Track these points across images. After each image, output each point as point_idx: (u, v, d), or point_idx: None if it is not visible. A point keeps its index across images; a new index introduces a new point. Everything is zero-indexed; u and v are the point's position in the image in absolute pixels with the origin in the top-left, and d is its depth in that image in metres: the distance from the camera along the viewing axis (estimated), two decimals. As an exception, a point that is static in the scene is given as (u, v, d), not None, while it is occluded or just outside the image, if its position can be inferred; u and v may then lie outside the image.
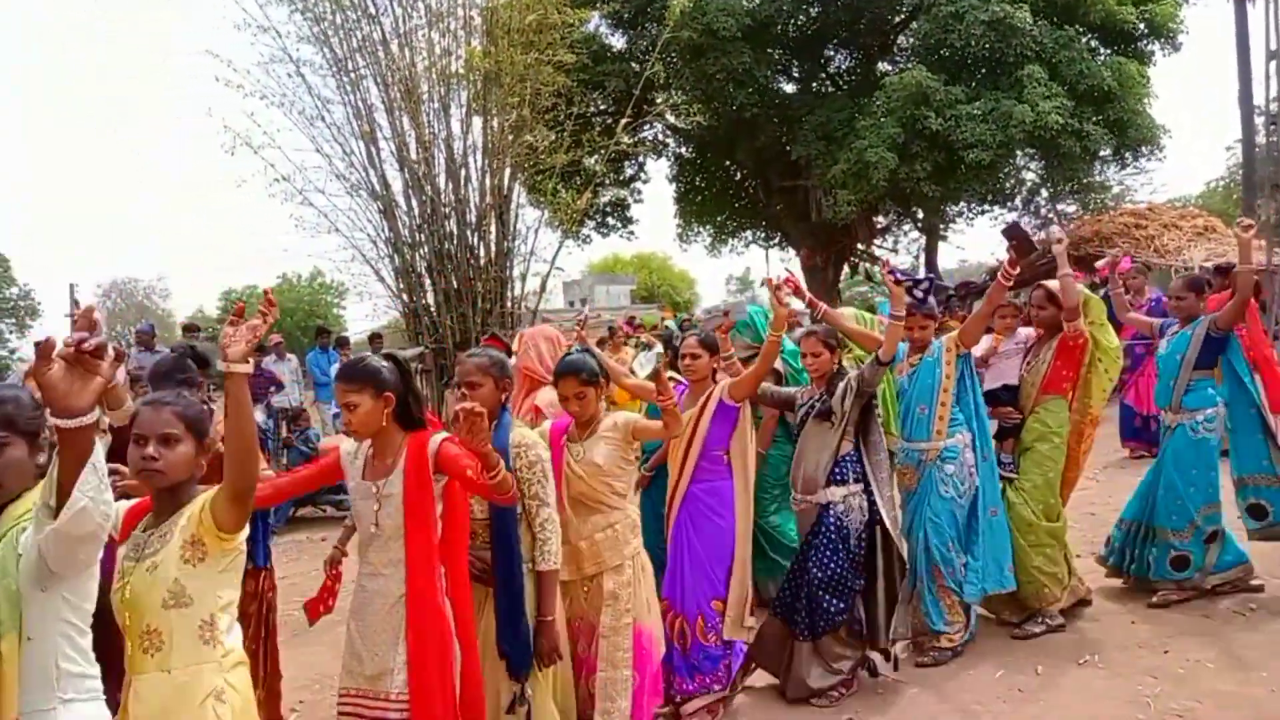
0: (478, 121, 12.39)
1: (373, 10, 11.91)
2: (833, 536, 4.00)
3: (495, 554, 3.14)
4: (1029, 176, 19.33)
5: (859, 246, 20.78)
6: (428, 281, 12.49)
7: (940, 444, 4.38)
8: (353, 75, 11.94)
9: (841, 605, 4.00)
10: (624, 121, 13.10)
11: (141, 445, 2.15)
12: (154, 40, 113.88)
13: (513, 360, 3.84)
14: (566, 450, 3.51)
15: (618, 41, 17.84)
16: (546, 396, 4.04)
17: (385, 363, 2.87)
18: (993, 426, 4.82)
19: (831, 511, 4.03)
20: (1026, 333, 5.00)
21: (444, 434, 2.86)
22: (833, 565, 3.98)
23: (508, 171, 12.50)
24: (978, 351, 4.65)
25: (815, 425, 4.09)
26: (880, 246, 22.58)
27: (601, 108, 16.70)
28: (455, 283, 12.18)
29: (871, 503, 4.07)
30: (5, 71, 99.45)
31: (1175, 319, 5.23)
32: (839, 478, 4.05)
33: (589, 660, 3.43)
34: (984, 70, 15.70)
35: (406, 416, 2.86)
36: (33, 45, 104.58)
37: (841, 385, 4.06)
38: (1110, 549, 5.20)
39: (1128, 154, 17.03)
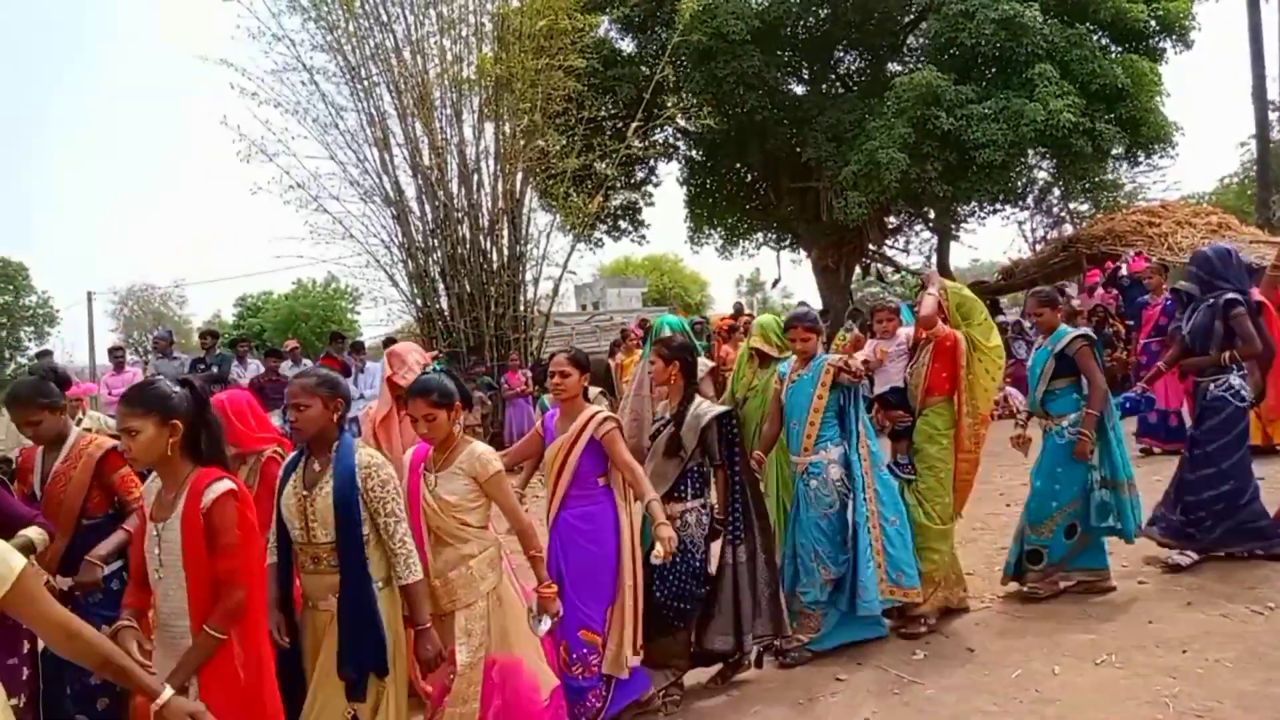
0: (489, 127, 12.50)
1: (385, 18, 12.03)
2: (684, 550, 3.95)
3: (342, 577, 3.00)
4: (1041, 176, 19.28)
5: (870, 247, 20.75)
6: (441, 286, 12.58)
7: (807, 459, 4.47)
8: (366, 82, 12.05)
9: (685, 609, 4.03)
10: (634, 125, 13.16)
11: None
12: (170, 49, 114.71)
13: (377, 375, 3.83)
14: (423, 479, 3.39)
15: (628, 46, 17.89)
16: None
17: (178, 388, 2.67)
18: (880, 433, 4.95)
19: (678, 521, 3.99)
20: (906, 333, 5.09)
21: (226, 484, 2.63)
22: (673, 579, 3.97)
23: (519, 176, 12.59)
24: (863, 356, 4.80)
25: (664, 457, 4.08)
26: (892, 247, 22.57)
27: (612, 112, 16.75)
28: (468, 287, 12.28)
29: (713, 514, 4.17)
30: (25, 81, 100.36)
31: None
32: (679, 494, 4.07)
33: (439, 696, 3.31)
34: (994, 69, 15.66)
35: (196, 448, 2.69)
36: (52, 54, 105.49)
37: (696, 422, 4.05)
38: (1015, 565, 5.23)
39: (1140, 152, 16.95)
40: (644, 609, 3.92)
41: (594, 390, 4.41)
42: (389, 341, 13.06)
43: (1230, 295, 5.17)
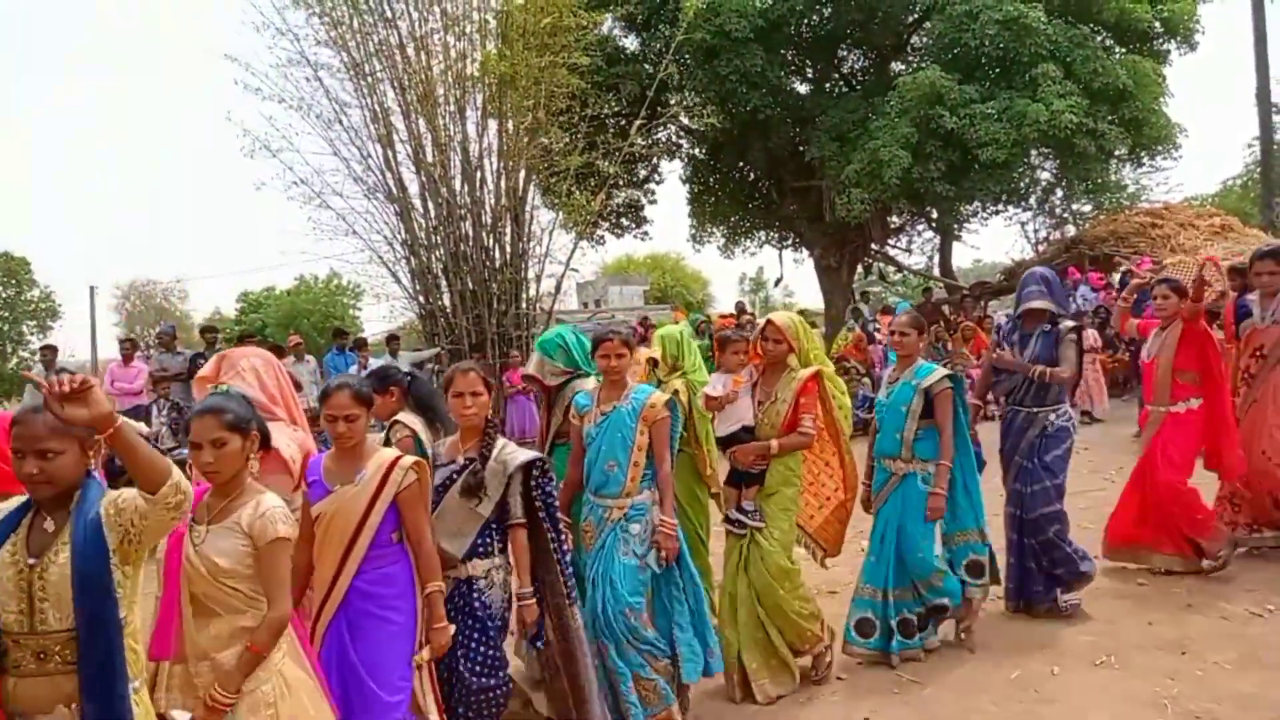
0: (493, 124, 12.49)
1: (389, 14, 12.02)
2: (479, 616, 3.40)
3: (84, 681, 2.23)
4: (1043, 176, 19.26)
5: (873, 246, 20.74)
6: (444, 283, 12.59)
7: (629, 501, 3.80)
8: (370, 79, 12.05)
9: (494, 684, 3.37)
10: (638, 123, 13.17)
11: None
12: (174, 42, 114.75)
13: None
14: (190, 531, 2.64)
15: (631, 44, 17.88)
16: (283, 437, 3.26)
17: None
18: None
19: (474, 587, 3.40)
20: (749, 369, 4.51)
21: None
22: (482, 649, 3.37)
23: (522, 174, 12.59)
24: (716, 392, 4.31)
25: (460, 500, 3.41)
26: (894, 246, 22.55)
27: (615, 110, 16.70)
28: (471, 284, 12.28)
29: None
30: (28, 76, 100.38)
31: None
32: (483, 548, 3.43)
33: None
34: (998, 70, 15.66)
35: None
36: (54, 49, 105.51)
37: (502, 467, 3.42)
38: (860, 629, 4.55)
39: (1143, 153, 16.96)
40: (454, 692, 3.31)
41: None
42: (391, 338, 13.11)
43: (1070, 323, 4.97)
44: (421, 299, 12.73)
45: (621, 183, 18.01)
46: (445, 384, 3.53)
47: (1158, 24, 16.40)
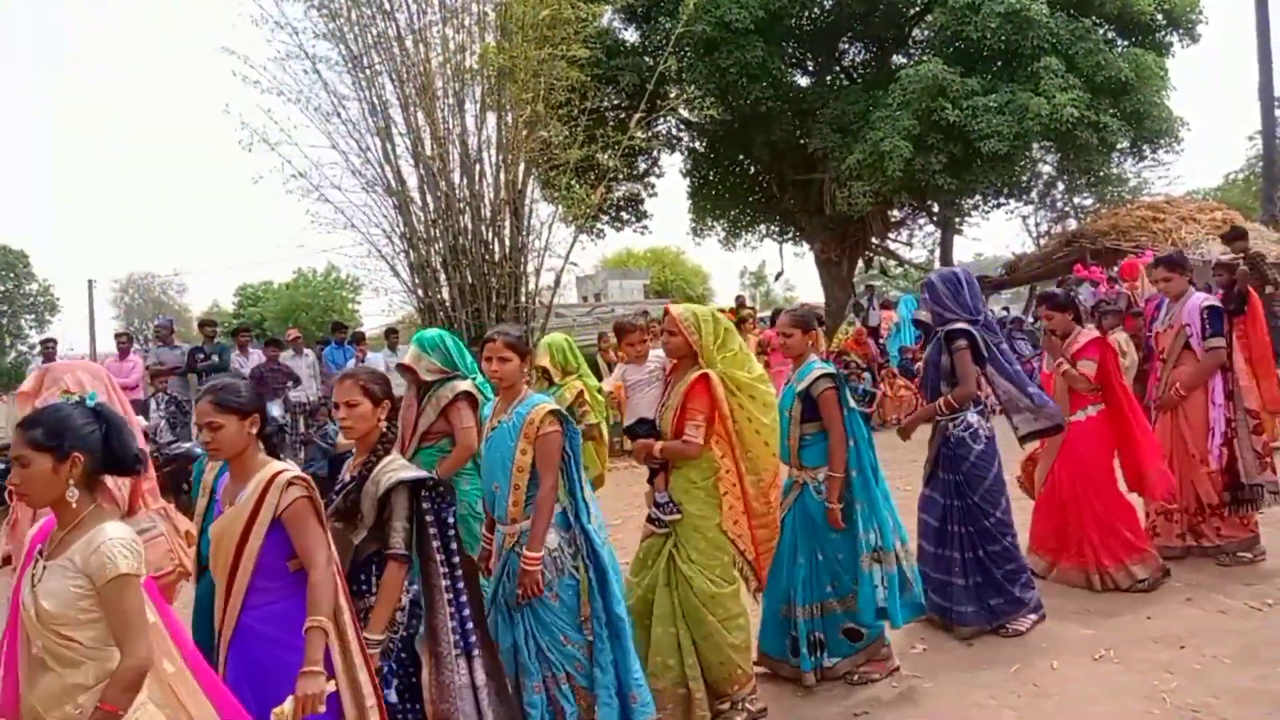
0: (492, 117, 12.43)
1: (388, 6, 11.97)
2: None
3: None
4: (1045, 170, 19.22)
5: (874, 240, 20.70)
6: (442, 277, 12.55)
7: (517, 528, 3.44)
8: (368, 71, 11.99)
9: None
10: (637, 116, 13.11)
11: None
12: (171, 36, 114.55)
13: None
14: (32, 567, 2.34)
15: (631, 36, 17.83)
16: None
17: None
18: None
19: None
20: (661, 360, 4.21)
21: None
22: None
23: (522, 167, 12.54)
24: (606, 387, 4.14)
25: (340, 527, 3.06)
26: (895, 240, 22.51)
27: (615, 102, 16.70)
28: (470, 278, 12.24)
29: (416, 604, 3.10)
30: (25, 68, 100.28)
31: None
32: (363, 585, 3.06)
33: None
34: (1000, 62, 15.61)
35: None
36: (51, 41, 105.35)
37: (374, 488, 3.02)
38: (770, 645, 4.39)
39: (1145, 146, 16.92)
40: None
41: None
42: (390, 332, 13.09)
43: (954, 327, 4.66)
44: (420, 293, 12.69)
45: (621, 176, 17.99)
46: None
47: (1160, 16, 16.34)
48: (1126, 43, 16.26)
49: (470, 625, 3.13)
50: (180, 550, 3.76)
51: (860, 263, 22.02)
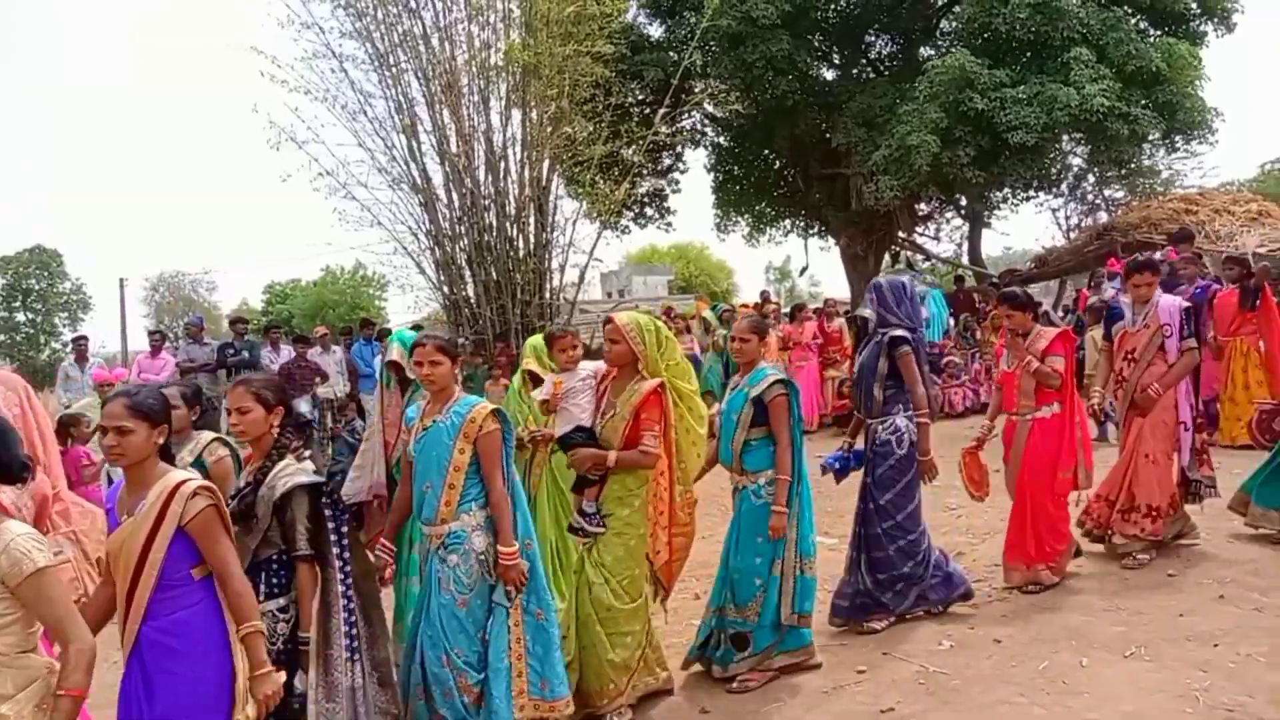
0: (517, 114, 12.52)
1: (414, 4, 12.06)
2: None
3: None
4: (1075, 162, 18.97)
5: (900, 235, 20.54)
6: (468, 273, 12.64)
7: (445, 528, 3.40)
8: (394, 70, 12.10)
9: None
10: (662, 111, 13.12)
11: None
12: (200, 35, 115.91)
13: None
14: None
15: (656, 31, 17.81)
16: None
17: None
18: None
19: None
20: (592, 367, 4.23)
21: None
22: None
23: (546, 163, 12.60)
24: (540, 395, 4.10)
25: (241, 537, 3.02)
26: (922, 234, 22.31)
27: (640, 98, 16.68)
28: (495, 274, 12.32)
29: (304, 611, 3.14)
30: (58, 69, 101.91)
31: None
32: (264, 590, 3.08)
33: None
34: (1029, 54, 15.42)
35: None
36: (84, 42, 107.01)
37: (270, 492, 3.06)
38: (699, 641, 4.43)
39: (1177, 137, 16.63)
40: None
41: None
42: (416, 328, 13.17)
43: (896, 333, 4.76)
44: (446, 289, 12.80)
45: (645, 172, 17.97)
46: None
47: (1194, 5, 16.06)
48: (1159, 33, 16.00)
49: (357, 630, 3.22)
50: (87, 578, 3.54)
51: (887, 257, 21.86)
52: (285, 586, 3.12)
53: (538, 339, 4.92)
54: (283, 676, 2.67)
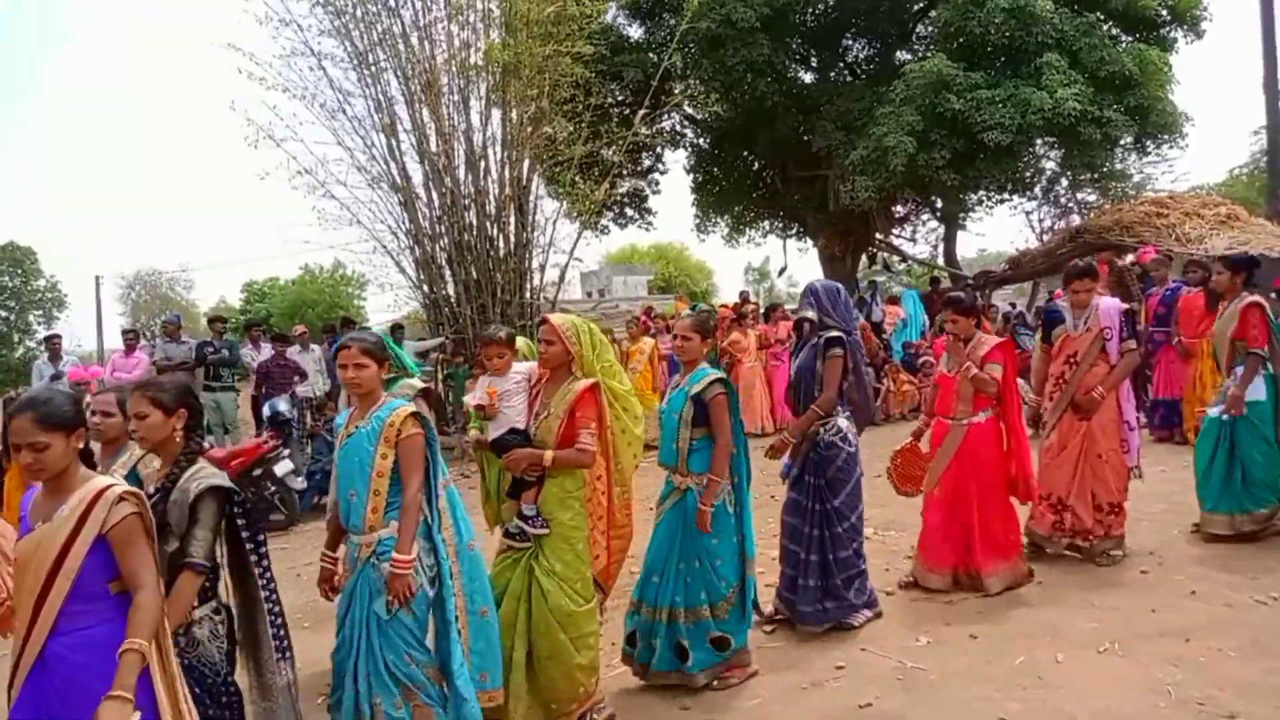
0: (497, 113, 12.49)
1: (393, 3, 12.00)
2: (195, 679, 2.86)
3: None
4: (1048, 165, 19.21)
5: (877, 236, 20.70)
6: (448, 273, 12.60)
7: (375, 536, 3.32)
8: (373, 68, 12.04)
9: None
10: (642, 112, 13.14)
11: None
12: (178, 32, 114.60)
13: None
14: None
15: (635, 32, 17.85)
16: None
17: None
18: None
19: (183, 639, 2.88)
20: (525, 369, 4.13)
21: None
22: (212, 712, 2.93)
23: (526, 163, 12.58)
24: (473, 401, 3.99)
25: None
26: (899, 236, 22.50)
27: (619, 99, 16.71)
28: (475, 274, 12.29)
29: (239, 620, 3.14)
30: (30, 64, 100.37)
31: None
32: (205, 594, 2.97)
33: None
34: (1004, 58, 15.61)
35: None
36: (58, 38, 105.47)
37: (184, 496, 2.91)
38: (630, 640, 4.37)
39: (1148, 141, 16.90)
40: None
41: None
42: (395, 327, 13.11)
43: (832, 335, 4.81)
44: (426, 288, 12.75)
45: (625, 172, 18.01)
46: None
47: (1165, 11, 16.32)
48: (1131, 38, 16.24)
49: (284, 630, 3.19)
50: (6, 576, 3.45)
51: (864, 258, 22.02)
52: (214, 589, 3.02)
53: (522, 341, 4.93)
54: (131, 714, 2.34)
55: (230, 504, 2.99)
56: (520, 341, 4.47)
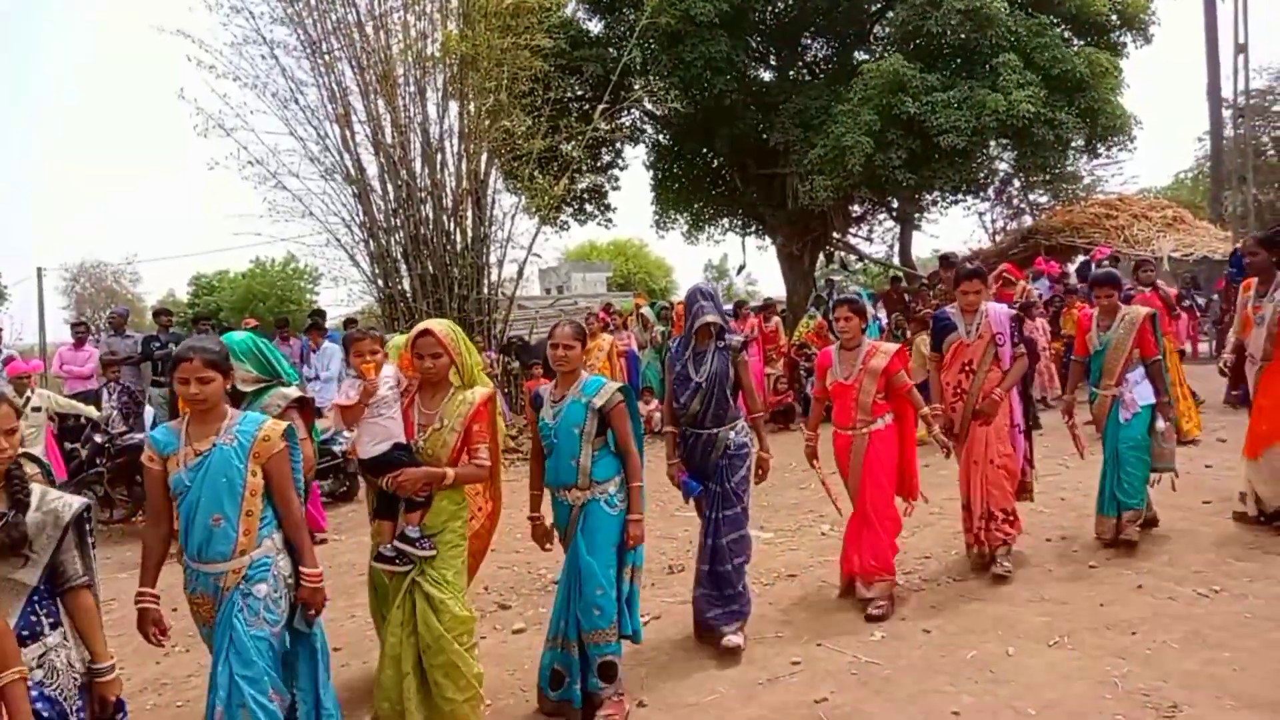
0: (454, 106, 12.32)
1: (348, -8, 11.78)
2: (46, 717, 2.64)
3: None
4: (1002, 167, 19.54)
5: (835, 235, 20.87)
6: (403, 267, 12.42)
7: (246, 560, 3.08)
8: (327, 58, 11.82)
9: None
10: (601, 107, 13.08)
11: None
12: (124, 20, 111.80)
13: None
14: None
15: (595, 26, 17.75)
16: None
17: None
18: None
19: (39, 670, 2.66)
20: (392, 373, 3.85)
21: None
22: None
23: (484, 156, 12.44)
24: (348, 400, 3.68)
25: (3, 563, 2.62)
26: (855, 235, 22.72)
27: (579, 93, 16.61)
28: (431, 268, 12.13)
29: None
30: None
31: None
32: (33, 629, 2.66)
33: None
34: (959, 59, 15.81)
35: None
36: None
37: (53, 518, 2.71)
38: (553, 683, 4.01)
39: (1099, 143, 17.25)
40: None
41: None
42: (349, 322, 12.91)
43: (737, 339, 4.74)
44: (381, 283, 12.55)
45: (585, 168, 17.92)
46: None
47: (1114, 16, 16.65)
48: (1082, 42, 16.55)
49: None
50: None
51: (821, 257, 22.20)
52: (57, 614, 2.75)
53: (401, 339, 4.38)
54: None
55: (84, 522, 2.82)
56: (400, 340, 4.20)
